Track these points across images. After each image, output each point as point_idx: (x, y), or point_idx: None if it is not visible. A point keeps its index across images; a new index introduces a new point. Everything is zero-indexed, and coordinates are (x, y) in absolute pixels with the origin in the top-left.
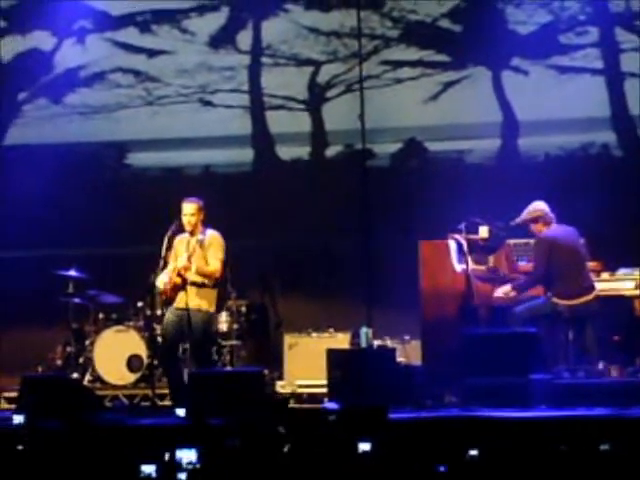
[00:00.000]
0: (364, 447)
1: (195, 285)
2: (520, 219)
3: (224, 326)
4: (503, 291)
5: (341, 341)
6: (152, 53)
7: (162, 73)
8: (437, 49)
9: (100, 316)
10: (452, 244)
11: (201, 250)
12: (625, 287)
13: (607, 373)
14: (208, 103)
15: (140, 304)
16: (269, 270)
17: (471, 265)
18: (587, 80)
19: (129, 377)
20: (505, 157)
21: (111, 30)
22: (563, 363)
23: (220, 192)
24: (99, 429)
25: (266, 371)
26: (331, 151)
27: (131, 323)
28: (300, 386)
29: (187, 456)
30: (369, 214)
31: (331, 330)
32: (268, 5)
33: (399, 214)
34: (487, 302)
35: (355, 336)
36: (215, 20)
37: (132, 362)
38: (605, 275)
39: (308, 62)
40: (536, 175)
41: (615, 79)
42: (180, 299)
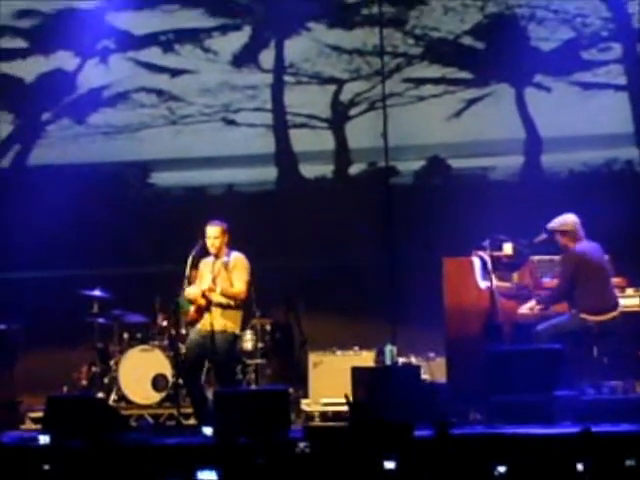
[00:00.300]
0: (389, 465)
1: (220, 306)
2: (550, 226)
3: (249, 345)
4: (528, 307)
5: (366, 359)
6: (175, 72)
7: (185, 92)
8: (460, 66)
9: (125, 336)
10: (476, 261)
11: (226, 272)
12: None
13: (632, 389)
14: (231, 122)
15: (164, 323)
16: (293, 288)
17: (495, 282)
18: (610, 96)
19: (154, 396)
20: (528, 174)
21: (134, 50)
22: (588, 379)
23: (244, 211)
24: (124, 449)
25: (291, 389)
26: (354, 169)
27: (156, 342)
28: (325, 404)
29: (208, 476)
30: (393, 231)
31: (356, 348)
32: (291, 24)
33: (423, 231)
34: (511, 319)
35: (380, 354)
36: (238, 39)
37: (157, 381)
38: (630, 291)
39: (331, 80)
40: (560, 192)
41: (638, 95)
42: (205, 320)
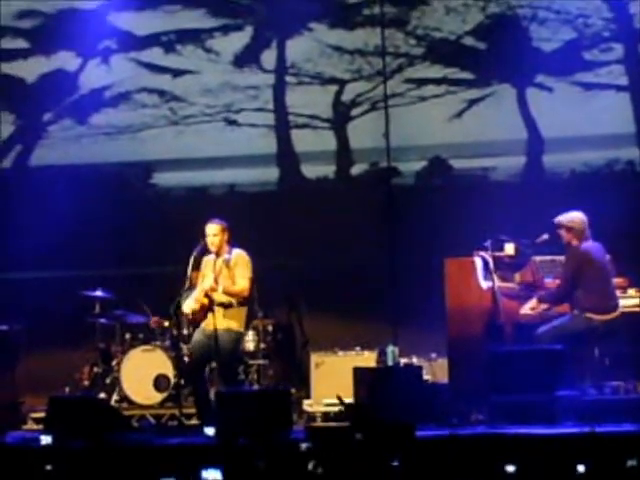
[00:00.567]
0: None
1: (222, 306)
2: (557, 219)
3: (251, 345)
4: (529, 307)
5: (367, 360)
6: (177, 73)
7: (187, 93)
8: (461, 67)
9: (127, 336)
10: (478, 261)
11: (227, 270)
12: None
13: (634, 389)
14: (233, 122)
15: (166, 324)
16: (295, 289)
17: (497, 282)
18: (612, 96)
19: (156, 397)
20: (530, 174)
21: (136, 50)
22: (589, 380)
23: (245, 211)
24: (126, 449)
25: (293, 390)
26: (356, 169)
27: (157, 343)
28: (327, 405)
29: (213, 476)
30: (394, 232)
31: (357, 348)
32: (292, 24)
33: (424, 232)
34: (513, 319)
35: (381, 354)
36: (239, 39)
37: (159, 382)
38: (631, 291)
39: (332, 81)
40: (561, 192)
41: None
42: (209, 320)
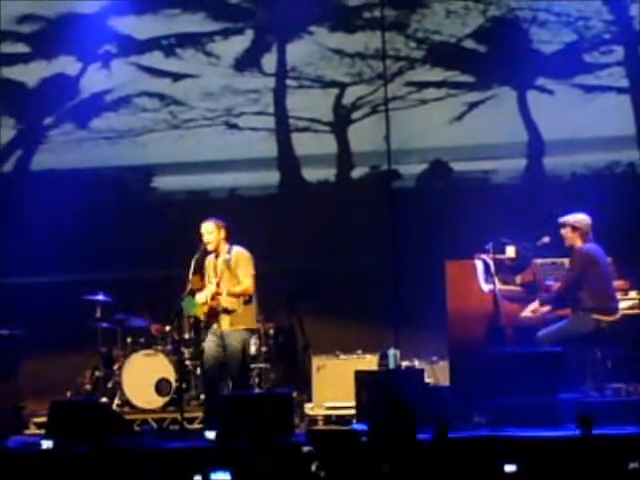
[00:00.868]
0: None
1: (226, 312)
2: (564, 219)
3: (252, 349)
4: (530, 309)
5: (369, 363)
6: (177, 77)
7: (187, 96)
8: (462, 69)
9: (128, 340)
10: (479, 264)
11: (229, 270)
12: None
13: (635, 391)
14: (233, 126)
15: (168, 328)
16: (296, 292)
17: (498, 285)
18: (612, 99)
19: (158, 401)
20: (531, 177)
21: (136, 54)
22: (591, 382)
23: (246, 215)
24: (128, 453)
25: (294, 393)
26: (357, 173)
27: (159, 347)
28: (329, 408)
29: (221, 478)
30: (395, 235)
31: (359, 352)
32: (293, 27)
33: (425, 234)
34: (514, 322)
35: (383, 357)
36: (240, 43)
37: (161, 386)
38: (633, 294)
39: (333, 84)
40: (562, 194)
41: None
42: (218, 322)
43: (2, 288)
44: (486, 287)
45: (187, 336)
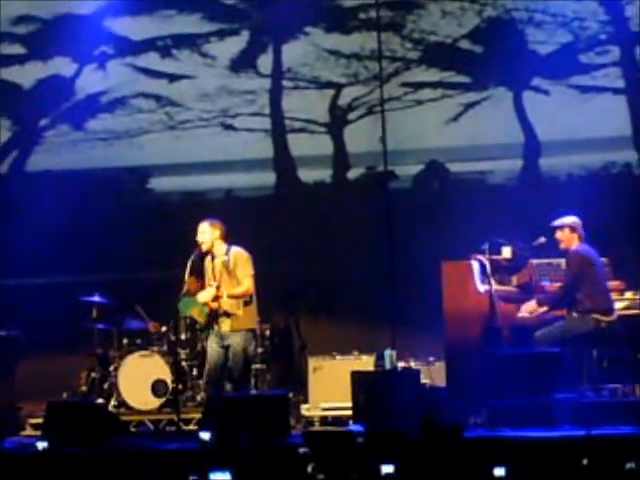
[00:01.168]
0: (387, 469)
1: (227, 315)
2: (560, 221)
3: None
4: (527, 309)
5: (365, 363)
6: (173, 78)
7: (183, 97)
8: (457, 70)
9: (124, 341)
10: (475, 265)
11: (227, 272)
12: None
13: (632, 392)
14: (229, 127)
15: (164, 329)
16: (293, 293)
17: (494, 285)
18: (608, 99)
19: (154, 402)
20: (527, 177)
21: (132, 55)
22: (588, 382)
23: (242, 216)
24: (124, 455)
25: (291, 394)
26: (353, 173)
27: (155, 348)
28: (325, 409)
29: (221, 478)
30: (392, 236)
31: (355, 352)
32: (288, 28)
33: (422, 235)
34: (511, 322)
35: (379, 358)
36: (235, 44)
37: (157, 387)
38: (629, 294)
39: (329, 85)
40: (558, 195)
41: (636, 98)
42: (220, 324)
43: None
44: (482, 288)
45: (183, 337)
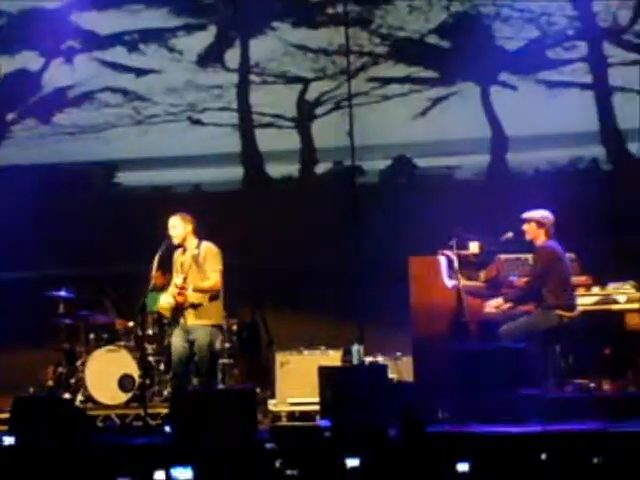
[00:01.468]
0: (353, 463)
1: (192, 307)
2: (529, 214)
3: (217, 344)
4: (494, 305)
5: (332, 358)
6: (140, 72)
7: (150, 92)
8: (425, 65)
9: (91, 336)
10: (442, 260)
11: (197, 265)
12: (615, 301)
13: (598, 387)
14: (197, 121)
15: (131, 324)
16: (260, 288)
17: (462, 281)
18: (576, 95)
19: (121, 397)
20: (494, 173)
21: (99, 49)
22: (554, 377)
23: (210, 210)
24: (91, 449)
25: (258, 389)
26: (320, 168)
27: (122, 343)
28: (292, 404)
29: (183, 474)
30: (359, 231)
31: (322, 348)
32: (256, 23)
33: (389, 230)
34: (478, 317)
35: (346, 353)
36: (203, 39)
37: (124, 382)
38: (595, 289)
39: (296, 79)
40: (526, 190)
41: (604, 93)
42: (185, 318)
43: None
44: (450, 283)
45: (150, 332)
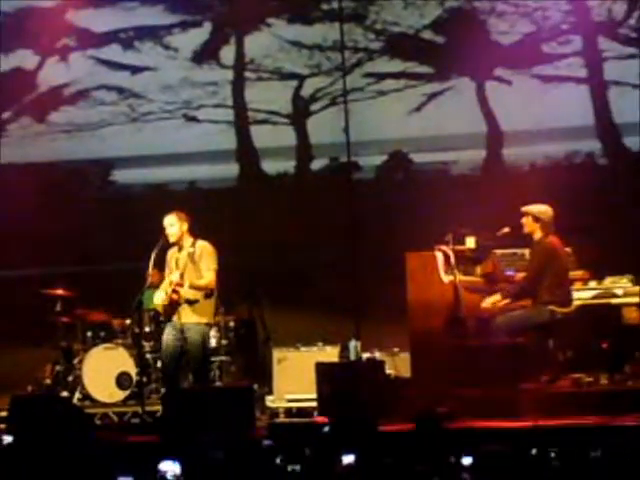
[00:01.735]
0: (349, 459)
1: (188, 302)
2: (527, 208)
3: (213, 342)
4: (491, 301)
5: (330, 354)
6: (135, 70)
7: (146, 89)
8: (420, 61)
9: (88, 334)
10: (439, 255)
11: (192, 264)
12: (613, 295)
13: (596, 381)
14: (192, 119)
15: (127, 321)
16: (256, 285)
17: (458, 276)
18: (571, 89)
19: (118, 395)
20: (490, 167)
21: (94, 47)
22: (551, 372)
23: (205, 207)
24: (89, 447)
25: (255, 386)
26: (316, 164)
27: (119, 340)
28: (290, 400)
29: (171, 469)
30: (355, 227)
31: (320, 344)
32: (250, 20)
33: (385, 226)
34: (475, 313)
35: (344, 349)
36: (198, 36)
37: (121, 379)
38: (593, 283)
39: (292, 76)
40: (521, 184)
41: (599, 87)
42: (178, 315)
43: None
44: (446, 278)
45: (147, 329)
